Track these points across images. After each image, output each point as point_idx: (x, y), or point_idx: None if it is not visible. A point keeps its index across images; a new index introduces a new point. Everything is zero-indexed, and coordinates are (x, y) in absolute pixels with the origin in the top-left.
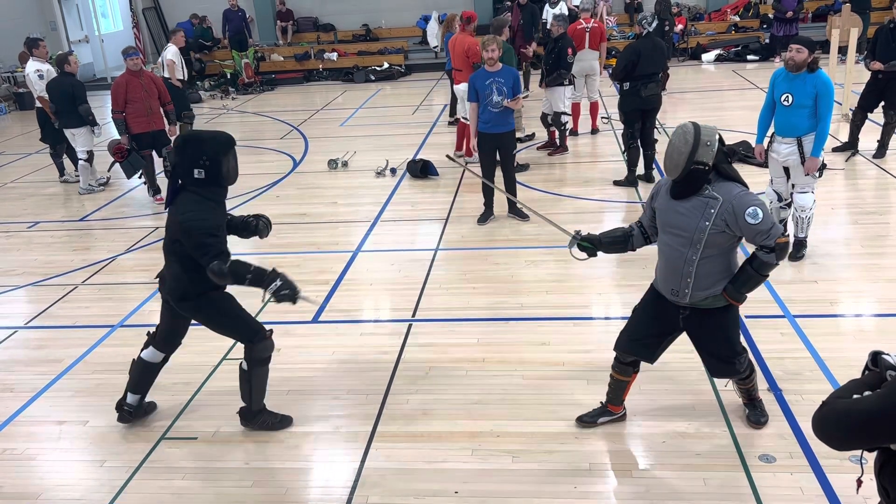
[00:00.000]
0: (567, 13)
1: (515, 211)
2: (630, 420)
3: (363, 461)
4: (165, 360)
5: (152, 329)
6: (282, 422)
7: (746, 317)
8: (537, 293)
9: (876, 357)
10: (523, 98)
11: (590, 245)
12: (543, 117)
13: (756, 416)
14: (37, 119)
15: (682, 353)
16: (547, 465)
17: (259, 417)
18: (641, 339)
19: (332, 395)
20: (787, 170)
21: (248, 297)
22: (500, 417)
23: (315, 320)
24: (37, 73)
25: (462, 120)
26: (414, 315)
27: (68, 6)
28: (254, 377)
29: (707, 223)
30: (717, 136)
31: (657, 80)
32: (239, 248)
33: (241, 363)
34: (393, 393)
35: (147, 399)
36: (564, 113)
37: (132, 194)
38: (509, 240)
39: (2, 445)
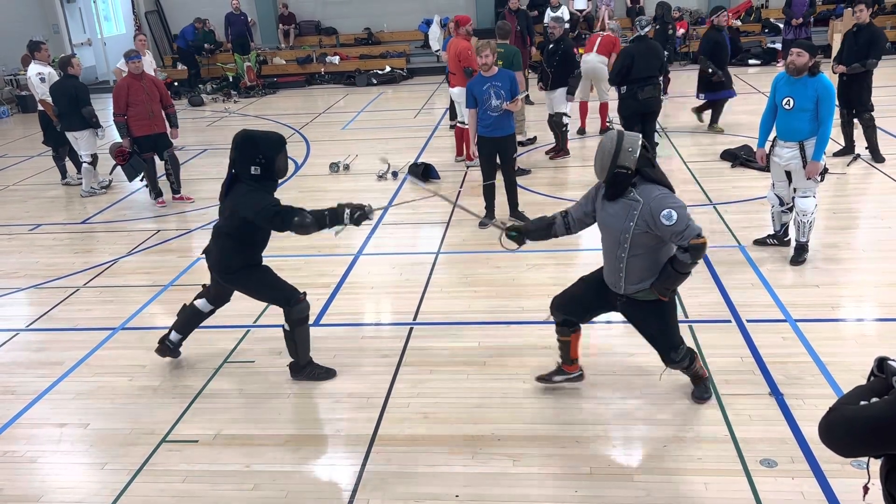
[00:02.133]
0: (569, 16)
1: (517, 214)
2: (631, 424)
3: (364, 464)
4: (213, 311)
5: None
6: (327, 373)
7: (748, 321)
8: (538, 296)
9: (882, 363)
10: (522, 98)
11: (516, 233)
12: (550, 119)
13: (700, 391)
14: (39, 122)
15: None
16: (547, 468)
17: (306, 370)
18: (576, 301)
19: (333, 398)
20: (788, 174)
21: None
22: (501, 421)
23: (316, 323)
24: (38, 76)
25: (459, 125)
26: (415, 318)
27: (71, 9)
28: (296, 335)
29: (631, 224)
30: (640, 143)
31: (655, 84)
32: None
33: (283, 326)
34: (394, 396)
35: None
36: (565, 114)
37: (134, 197)
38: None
39: (3, 448)
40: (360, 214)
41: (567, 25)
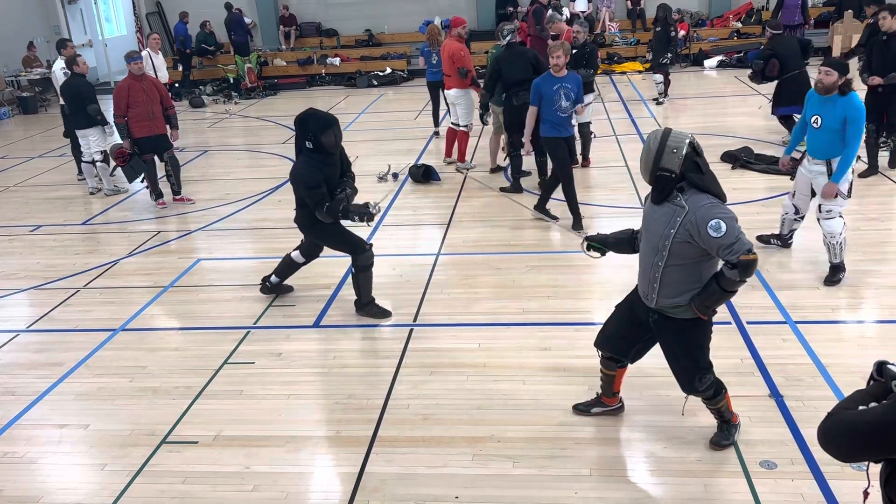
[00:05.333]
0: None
1: (543, 211)
2: (631, 425)
3: (363, 466)
4: (306, 262)
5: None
6: (383, 313)
7: (748, 322)
8: (539, 298)
9: (881, 367)
10: (584, 106)
11: (599, 245)
12: (579, 130)
13: (718, 437)
14: (61, 114)
15: None
16: (548, 470)
17: (367, 308)
18: (615, 335)
19: (333, 399)
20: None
21: None
22: (501, 422)
23: (317, 325)
24: (63, 70)
25: (451, 126)
26: (415, 319)
27: (72, 10)
28: (360, 279)
29: (672, 231)
30: (687, 145)
31: (527, 89)
32: (241, 251)
33: (350, 269)
34: (394, 397)
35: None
36: (589, 123)
37: (134, 198)
38: (511, 245)
39: (3, 449)
40: (367, 217)
41: (586, 28)
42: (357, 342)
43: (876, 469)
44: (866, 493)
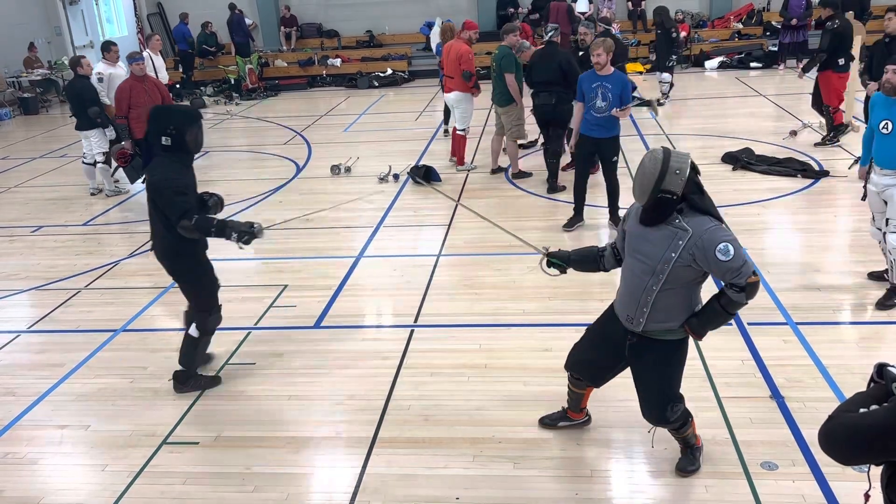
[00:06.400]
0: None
1: (615, 220)
2: (631, 426)
3: (364, 467)
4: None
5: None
6: (213, 380)
7: (749, 324)
8: (539, 299)
9: (881, 369)
10: (631, 107)
11: (559, 262)
12: None
13: (684, 463)
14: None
15: None
16: (548, 471)
17: (192, 380)
18: (587, 362)
19: (333, 400)
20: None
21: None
22: (502, 423)
23: (317, 325)
24: (97, 75)
25: (456, 129)
26: (416, 321)
27: (74, 12)
28: (201, 344)
29: (673, 255)
30: (690, 165)
31: (551, 91)
32: (242, 252)
33: (189, 329)
34: (394, 398)
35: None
36: None
37: (135, 198)
38: (511, 246)
39: (3, 449)
40: (246, 239)
41: (594, 30)
42: (358, 343)
43: (877, 471)
44: (867, 496)
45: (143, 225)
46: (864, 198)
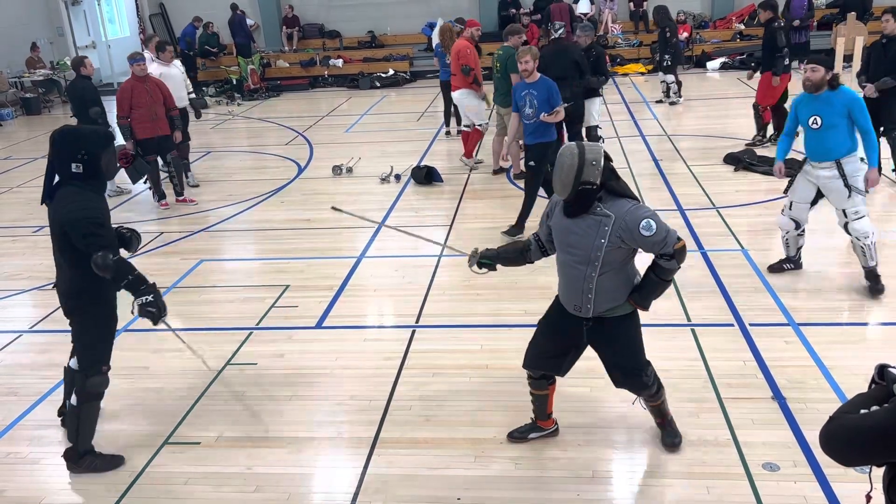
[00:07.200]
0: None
1: (512, 230)
2: (633, 428)
3: (366, 467)
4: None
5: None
6: (113, 460)
7: (751, 324)
8: (540, 300)
9: (882, 370)
10: (562, 109)
11: (489, 261)
12: (587, 134)
13: (669, 437)
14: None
15: (685, 360)
16: (550, 472)
17: (86, 459)
18: (547, 354)
19: (335, 400)
20: (816, 198)
21: None
22: (503, 424)
23: (319, 326)
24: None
25: (464, 129)
26: (417, 321)
27: (76, 12)
28: (83, 412)
29: (603, 241)
30: (603, 155)
31: (567, 86)
32: (243, 252)
33: (70, 399)
34: (396, 399)
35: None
36: (598, 126)
37: (137, 199)
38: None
39: (5, 449)
40: (151, 311)
41: (590, 33)
42: (359, 343)
43: (879, 472)
44: (868, 497)
45: (145, 225)
46: (787, 190)
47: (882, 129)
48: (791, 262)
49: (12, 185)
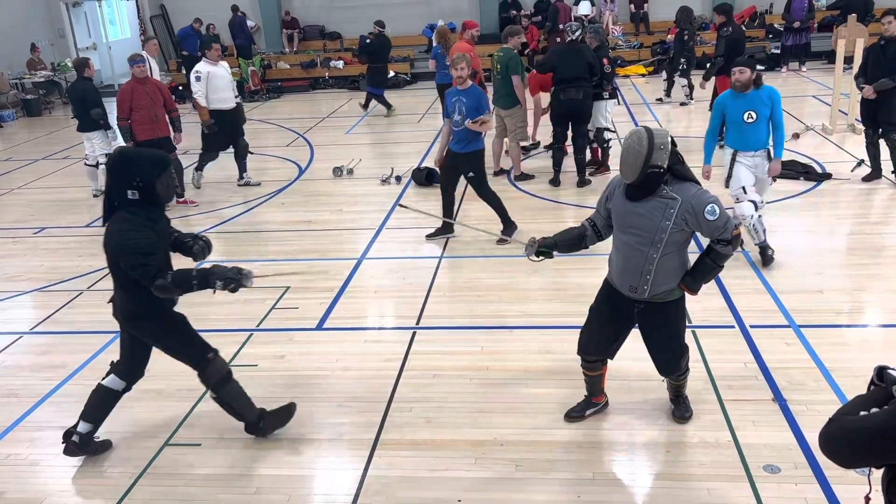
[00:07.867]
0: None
1: (440, 230)
2: (633, 429)
3: (366, 468)
4: (127, 388)
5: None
6: (282, 419)
7: (751, 326)
8: (541, 301)
9: (881, 372)
10: (488, 118)
11: (547, 249)
12: (595, 136)
13: (681, 411)
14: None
15: None
16: (550, 473)
17: (262, 422)
18: (602, 340)
19: (335, 402)
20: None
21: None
22: (504, 426)
23: (319, 327)
24: (195, 73)
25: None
26: (418, 323)
27: (77, 13)
28: (226, 396)
29: (668, 223)
30: (670, 139)
31: (578, 87)
32: (243, 254)
33: (209, 394)
34: (396, 400)
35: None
36: (608, 129)
37: None
38: (512, 248)
39: (6, 451)
40: (232, 286)
41: (601, 35)
42: (360, 345)
43: (878, 474)
44: (868, 499)
45: None
46: (727, 185)
47: (880, 130)
48: (770, 248)
49: (13, 186)
